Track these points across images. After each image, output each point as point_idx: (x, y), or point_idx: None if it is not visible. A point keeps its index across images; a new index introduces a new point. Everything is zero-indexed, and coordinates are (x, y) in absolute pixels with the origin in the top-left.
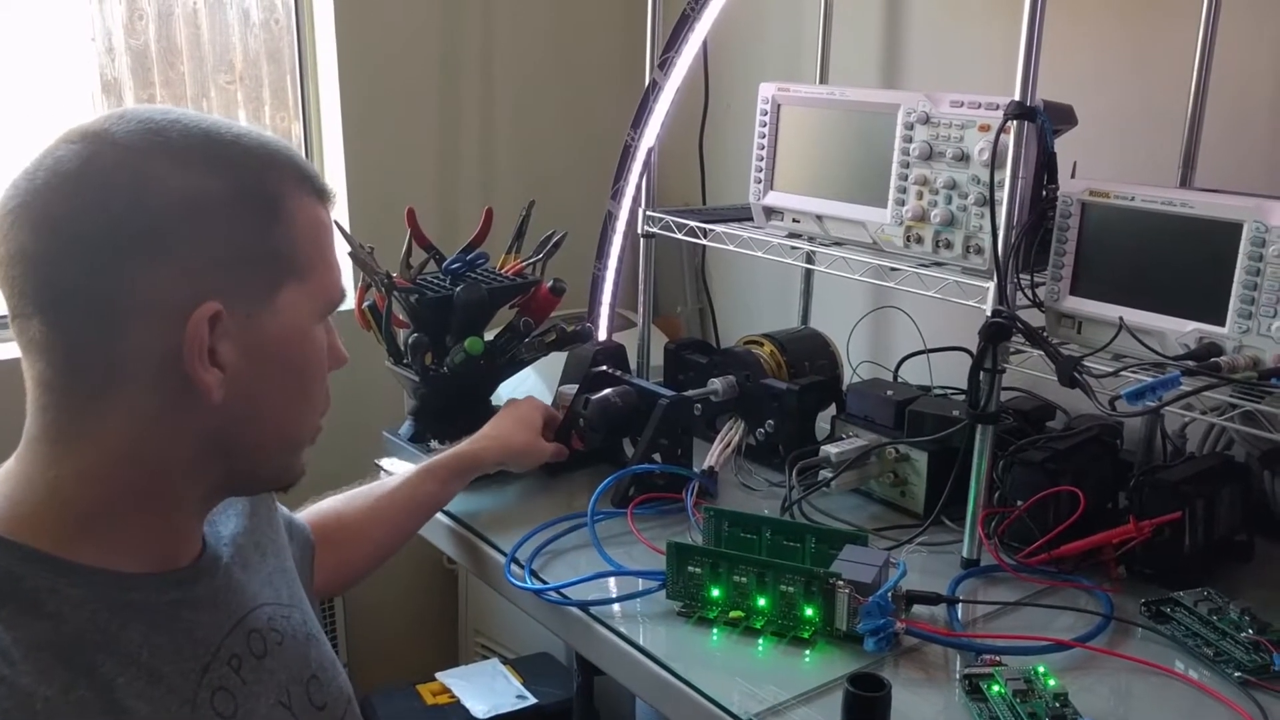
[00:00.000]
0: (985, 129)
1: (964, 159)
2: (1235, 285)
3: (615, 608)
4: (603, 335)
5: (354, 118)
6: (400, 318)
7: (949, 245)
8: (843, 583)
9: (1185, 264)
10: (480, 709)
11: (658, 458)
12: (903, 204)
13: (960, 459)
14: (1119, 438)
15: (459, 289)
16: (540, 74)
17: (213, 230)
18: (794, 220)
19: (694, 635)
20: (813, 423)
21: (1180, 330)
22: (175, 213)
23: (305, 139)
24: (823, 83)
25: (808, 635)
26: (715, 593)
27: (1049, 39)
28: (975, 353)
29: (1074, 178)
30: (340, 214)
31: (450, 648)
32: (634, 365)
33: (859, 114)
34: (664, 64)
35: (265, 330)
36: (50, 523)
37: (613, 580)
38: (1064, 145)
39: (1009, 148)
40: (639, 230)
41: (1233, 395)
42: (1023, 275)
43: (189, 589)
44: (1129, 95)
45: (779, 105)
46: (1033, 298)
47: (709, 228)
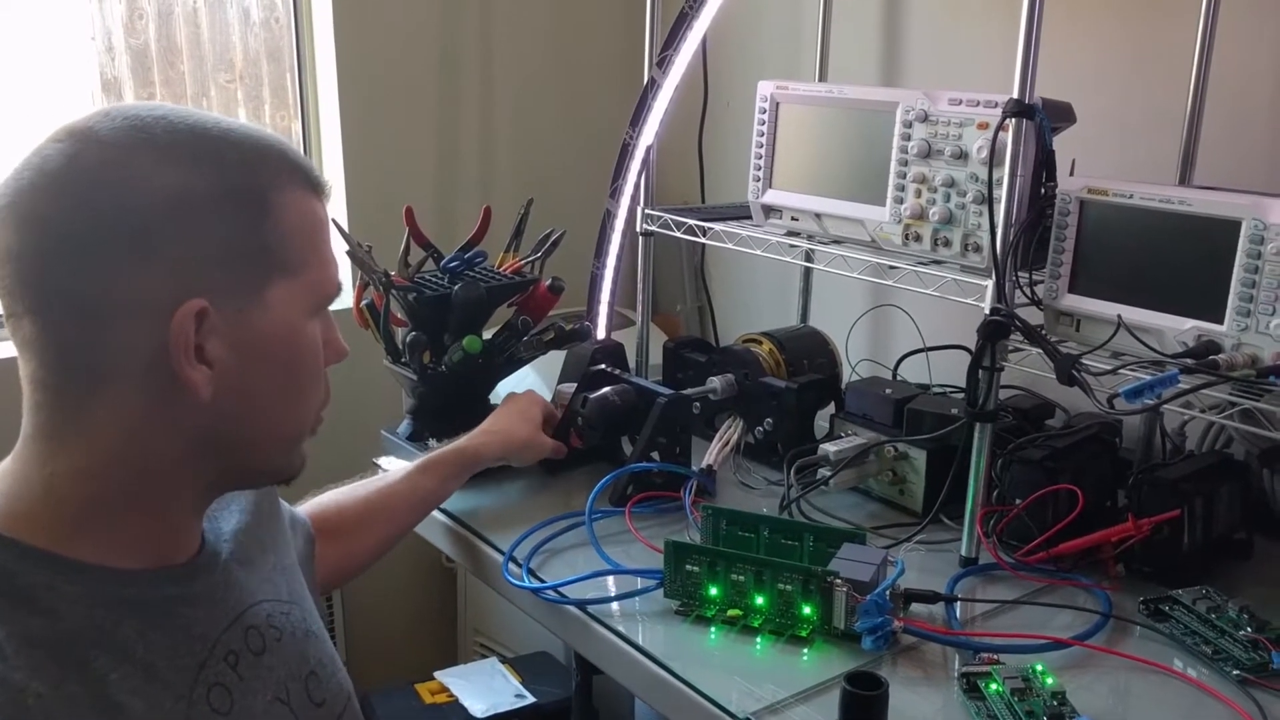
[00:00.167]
0: (984, 127)
1: (962, 157)
2: (1233, 283)
3: (613, 606)
4: (601, 334)
5: (352, 116)
6: (398, 316)
7: (947, 243)
8: (840, 581)
9: (1184, 262)
10: (479, 708)
11: (656, 456)
12: (901, 202)
13: (959, 457)
14: (1118, 436)
15: (457, 287)
16: (539, 72)
17: (199, 227)
18: (792, 218)
19: (692, 634)
20: (811, 421)
21: (1178, 328)
22: (161, 211)
23: (304, 137)
24: (822, 81)
25: (805, 634)
26: (713, 591)
27: (1048, 36)
28: (974, 351)
29: (1072, 175)
30: (339, 212)
31: (449, 647)
32: (632, 364)
33: (857, 112)
34: (663, 62)
35: (255, 326)
36: (46, 520)
37: (611, 579)
38: (1062, 143)
39: (1007, 145)
40: (638, 228)
41: (1231, 393)
42: (1021, 273)
43: (186, 585)
44: (1128, 93)
45: (777, 103)
46: (1031, 296)
47: (708, 226)
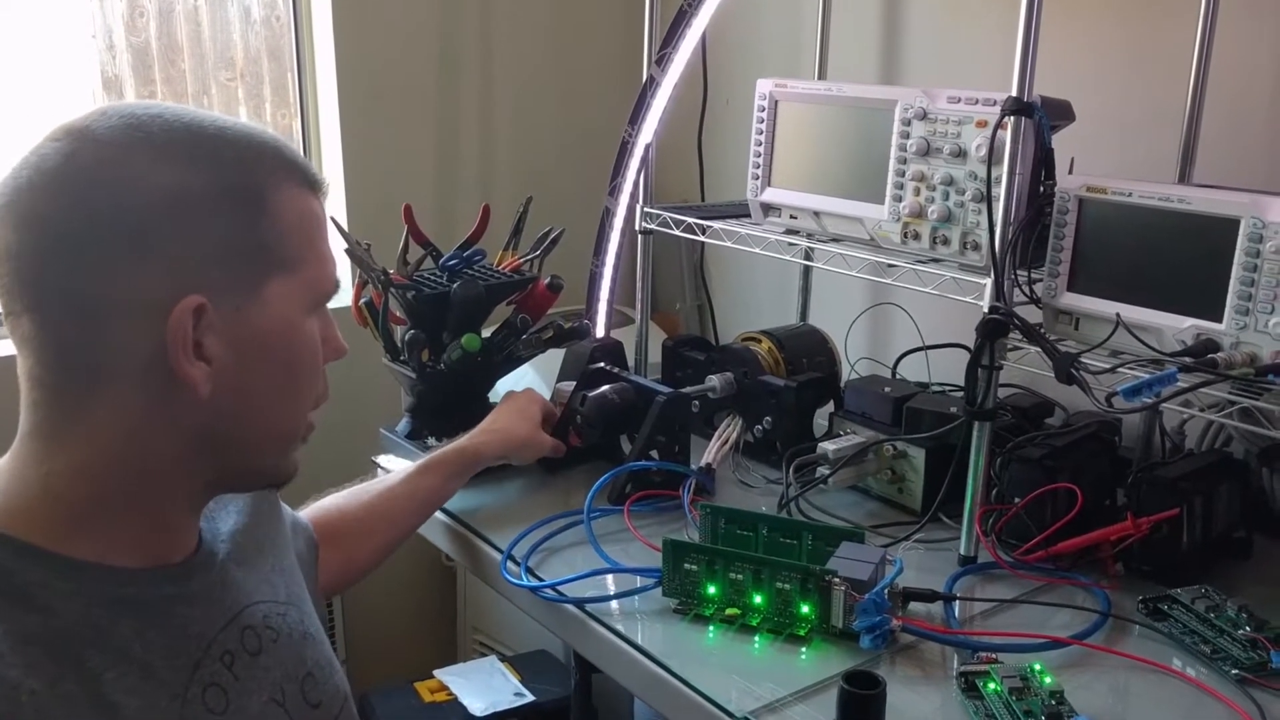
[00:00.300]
0: (982, 125)
1: (961, 155)
2: (1232, 281)
3: (612, 605)
4: (600, 332)
5: (352, 114)
6: (397, 314)
7: (946, 241)
8: (839, 580)
9: (1182, 260)
10: (478, 706)
11: (655, 455)
12: (900, 200)
13: (958, 456)
14: (1117, 434)
15: (456, 286)
16: (538, 70)
17: (196, 225)
18: (791, 216)
19: (690, 632)
20: (810, 420)
21: (1177, 326)
22: (157, 209)
23: (303, 136)
24: (821, 79)
25: (804, 633)
26: (711, 590)
27: (1046, 34)
28: (973, 349)
29: (1071, 174)
30: (338, 211)
31: (448, 645)
32: (632, 362)
33: (856, 110)
34: (662, 60)
35: (253, 323)
36: (44, 518)
37: (609, 577)
38: (1061, 141)
39: (1006, 144)
40: (637, 227)
41: (1230, 392)
42: (1020, 271)
43: (183, 584)
44: (1127, 91)
45: (776, 101)
46: (1030, 294)
47: (707, 224)
